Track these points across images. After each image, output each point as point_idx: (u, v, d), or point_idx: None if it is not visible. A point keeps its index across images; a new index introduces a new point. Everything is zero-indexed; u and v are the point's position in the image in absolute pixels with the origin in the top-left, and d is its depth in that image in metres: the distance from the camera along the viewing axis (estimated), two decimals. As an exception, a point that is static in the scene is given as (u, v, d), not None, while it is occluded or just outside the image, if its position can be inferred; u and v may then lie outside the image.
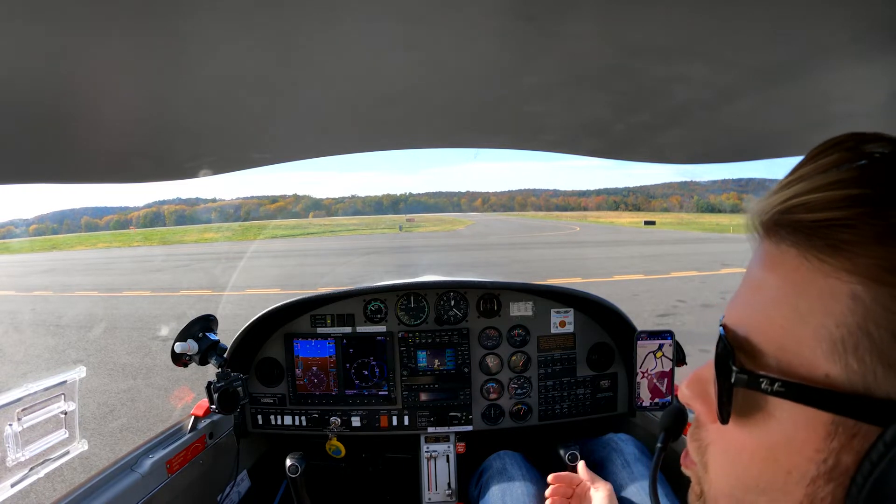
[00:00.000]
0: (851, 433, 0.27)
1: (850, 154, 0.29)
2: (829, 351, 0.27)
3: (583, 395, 1.70)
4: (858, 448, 0.26)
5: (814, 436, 0.28)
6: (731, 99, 0.62)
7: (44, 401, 1.00)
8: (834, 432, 0.27)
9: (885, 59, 0.48)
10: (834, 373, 0.27)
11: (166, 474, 1.27)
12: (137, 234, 74.31)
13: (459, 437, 1.68)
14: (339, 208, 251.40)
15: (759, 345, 0.31)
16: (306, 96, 0.58)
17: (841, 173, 0.28)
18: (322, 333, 1.67)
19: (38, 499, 2.67)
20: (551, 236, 31.95)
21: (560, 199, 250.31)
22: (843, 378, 0.26)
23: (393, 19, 0.39)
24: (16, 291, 13.27)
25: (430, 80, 0.55)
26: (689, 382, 0.38)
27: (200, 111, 0.59)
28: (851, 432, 0.27)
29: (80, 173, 0.70)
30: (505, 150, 1.06)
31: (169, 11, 0.35)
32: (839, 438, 0.27)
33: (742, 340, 0.32)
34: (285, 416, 1.67)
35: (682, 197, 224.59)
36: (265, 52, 0.44)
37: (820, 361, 0.27)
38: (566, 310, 1.71)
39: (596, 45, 0.46)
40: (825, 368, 0.27)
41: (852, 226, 0.26)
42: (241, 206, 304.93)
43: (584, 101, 0.65)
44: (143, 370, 5.19)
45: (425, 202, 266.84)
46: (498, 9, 0.39)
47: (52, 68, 0.40)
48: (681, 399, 0.39)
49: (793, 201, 0.29)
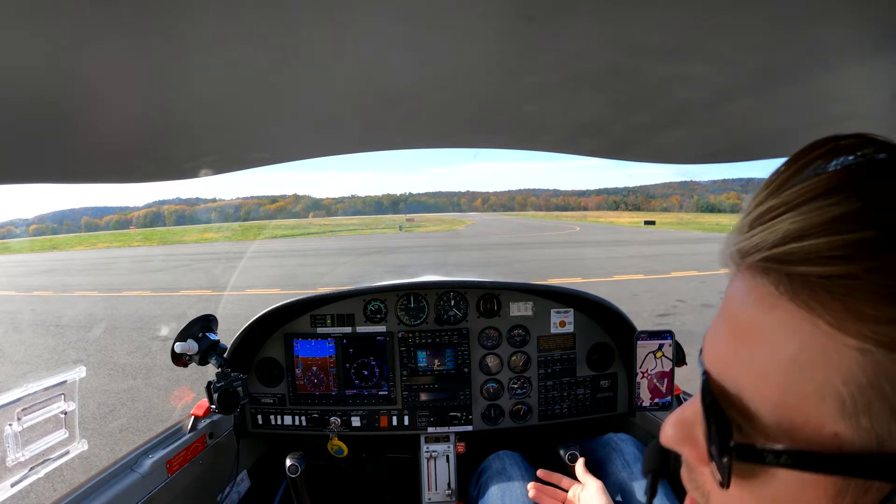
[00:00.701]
0: (863, 489, 0.25)
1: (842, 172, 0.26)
2: (837, 410, 0.24)
3: (583, 395, 1.70)
4: (872, 501, 0.25)
5: (822, 496, 0.26)
6: (731, 99, 0.62)
7: (44, 401, 1.00)
8: (845, 490, 0.25)
9: (885, 59, 0.48)
10: (843, 432, 0.24)
11: (166, 474, 1.27)
12: (137, 234, 74.31)
13: (459, 437, 1.68)
14: (339, 208, 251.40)
15: (754, 403, 0.27)
16: (306, 96, 0.58)
17: (837, 206, 0.25)
18: (322, 333, 1.67)
19: (38, 499, 2.67)
20: (551, 236, 31.95)
21: (560, 199, 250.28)
22: (854, 438, 0.24)
23: (393, 19, 0.39)
24: (16, 291, 13.27)
25: (430, 80, 0.55)
26: (674, 424, 0.34)
27: (200, 111, 0.59)
28: (863, 489, 0.25)
29: (80, 173, 0.70)
30: (505, 150, 1.06)
31: (169, 11, 0.35)
32: (850, 496, 0.25)
33: (734, 398, 0.28)
34: (285, 416, 1.67)
35: (682, 197, 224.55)
36: (265, 52, 0.44)
37: (826, 421, 0.25)
38: (566, 310, 1.71)
39: (596, 45, 0.46)
40: (832, 428, 0.24)
41: (857, 277, 0.23)
42: (241, 206, 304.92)
43: (584, 101, 0.65)
44: (143, 370, 5.19)
45: (425, 202, 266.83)
46: (498, 9, 0.39)
47: (53, 68, 0.40)
48: (664, 442, 0.35)
49: (787, 248, 0.25)
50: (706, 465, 0.31)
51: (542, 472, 1.19)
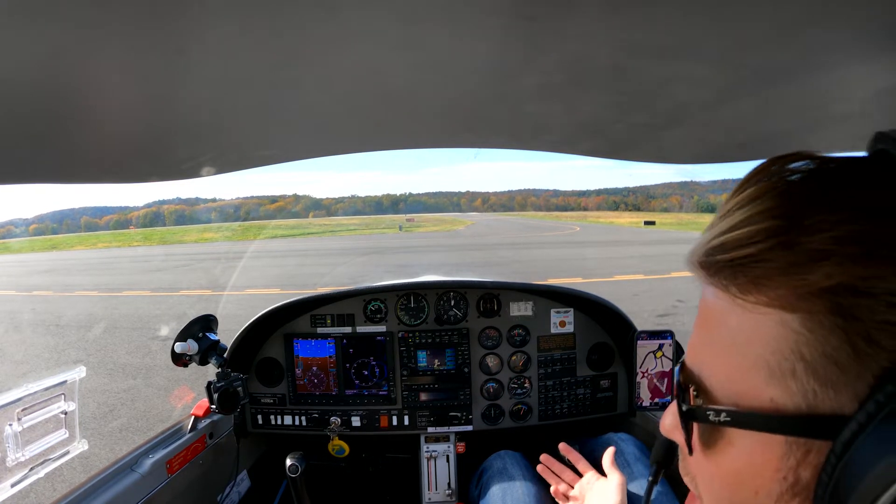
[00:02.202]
0: (805, 450, 0.28)
1: (769, 182, 0.30)
2: (768, 377, 0.29)
3: (583, 395, 1.70)
4: (815, 462, 0.28)
5: (771, 457, 0.29)
6: (731, 99, 0.62)
7: (44, 401, 1.00)
8: (789, 451, 0.28)
9: (884, 59, 0.48)
10: (778, 397, 0.28)
11: (166, 474, 1.27)
12: (137, 234, 74.28)
13: (459, 437, 1.68)
14: (339, 208, 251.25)
15: (710, 380, 0.33)
16: (306, 96, 0.58)
17: (756, 206, 0.29)
18: (322, 333, 1.67)
19: (38, 499, 2.67)
20: (551, 236, 31.95)
21: (560, 199, 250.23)
22: (787, 400, 0.28)
23: (393, 19, 0.39)
24: (16, 291, 13.27)
25: (430, 79, 0.55)
26: (668, 413, 0.40)
27: (200, 111, 0.59)
28: (805, 449, 0.28)
29: (80, 173, 0.70)
30: (505, 150, 1.06)
31: (169, 11, 0.35)
32: (794, 456, 0.28)
33: (696, 378, 0.34)
34: (285, 416, 1.67)
35: (682, 197, 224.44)
36: (265, 51, 0.44)
37: (762, 388, 0.29)
38: (566, 310, 1.71)
39: (596, 45, 0.46)
40: (769, 394, 0.29)
41: (764, 260, 0.28)
42: (241, 206, 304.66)
43: (584, 101, 0.65)
44: (143, 370, 5.19)
45: (425, 202, 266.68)
46: (498, 8, 0.39)
47: (53, 67, 0.40)
48: (662, 431, 0.42)
49: (713, 242, 0.31)
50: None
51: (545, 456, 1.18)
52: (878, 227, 0.26)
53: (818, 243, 0.26)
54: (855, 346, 0.26)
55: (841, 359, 0.26)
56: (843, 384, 0.26)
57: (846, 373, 0.26)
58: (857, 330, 0.25)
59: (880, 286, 0.25)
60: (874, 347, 0.25)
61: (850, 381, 0.26)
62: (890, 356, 0.25)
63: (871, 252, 0.25)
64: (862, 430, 0.25)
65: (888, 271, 0.25)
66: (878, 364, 0.25)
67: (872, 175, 0.28)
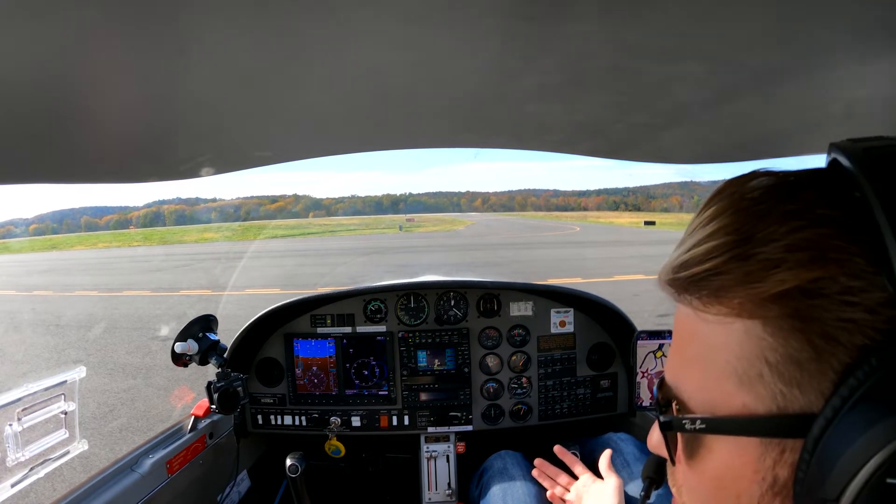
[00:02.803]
0: (780, 449, 0.29)
1: (727, 201, 0.32)
2: (738, 383, 0.30)
3: (583, 395, 1.70)
4: (790, 461, 0.29)
5: (748, 459, 0.30)
6: (731, 99, 0.62)
7: (44, 401, 1.00)
8: (765, 452, 0.30)
9: (885, 59, 0.48)
10: (749, 401, 0.30)
11: (166, 474, 1.27)
12: (137, 234, 74.25)
13: (459, 437, 1.68)
14: (339, 208, 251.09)
15: (686, 393, 0.34)
16: (306, 96, 0.58)
17: (715, 224, 0.31)
18: (322, 333, 1.67)
19: (38, 499, 2.67)
20: (551, 236, 31.95)
21: (560, 199, 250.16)
22: (758, 404, 0.29)
23: (393, 19, 0.39)
24: (16, 291, 13.27)
25: (430, 79, 0.55)
26: (653, 430, 0.42)
27: (200, 111, 0.59)
28: (780, 448, 0.29)
29: (79, 173, 0.70)
30: (505, 150, 1.06)
31: (169, 11, 0.35)
32: (770, 457, 0.29)
33: (674, 391, 0.36)
34: (285, 416, 1.67)
35: (682, 197, 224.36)
36: (265, 51, 0.44)
37: (734, 394, 0.30)
38: (566, 310, 1.71)
39: (596, 45, 0.46)
40: (741, 399, 0.30)
41: (722, 272, 0.29)
42: (241, 206, 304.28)
43: (584, 101, 0.65)
44: (143, 370, 5.19)
45: (425, 202, 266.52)
46: (498, 9, 0.39)
47: (53, 67, 0.40)
48: (649, 447, 0.43)
49: (677, 261, 0.32)
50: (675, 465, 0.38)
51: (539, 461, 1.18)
52: (825, 233, 0.27)
53: (770, 252, 0.28)
54: (815, 346, 0.27)
55: (803, 359, 0.27)
56: (807, 383, 0.27)
57: (809, 372, 0.27)
58: (815, 330, 0.27)
59: (831, 287, 0.26)
60: (833, 345, 0.26)
61: (814, 379, 0.27)
62: (849, 352, 0.26)
63: (820, 256, 0.27)
64: (829, 425, 0.26)
65: (837, 272, 0.26)
66: (839, 360, 0.26)
67: (824, 185, 0.30)
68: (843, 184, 0.29)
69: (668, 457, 0.39)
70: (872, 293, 0.26)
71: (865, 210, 0.27)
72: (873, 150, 0.29)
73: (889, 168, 0.28)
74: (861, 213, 0.27)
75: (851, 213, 0.28)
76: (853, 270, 0.26)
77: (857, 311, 0.26)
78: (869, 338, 0.26)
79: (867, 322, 0.26)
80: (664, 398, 0.36)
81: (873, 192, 0.27)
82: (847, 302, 0.26)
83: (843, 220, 0.27)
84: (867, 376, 0.25)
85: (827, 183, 0.30)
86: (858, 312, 0.26)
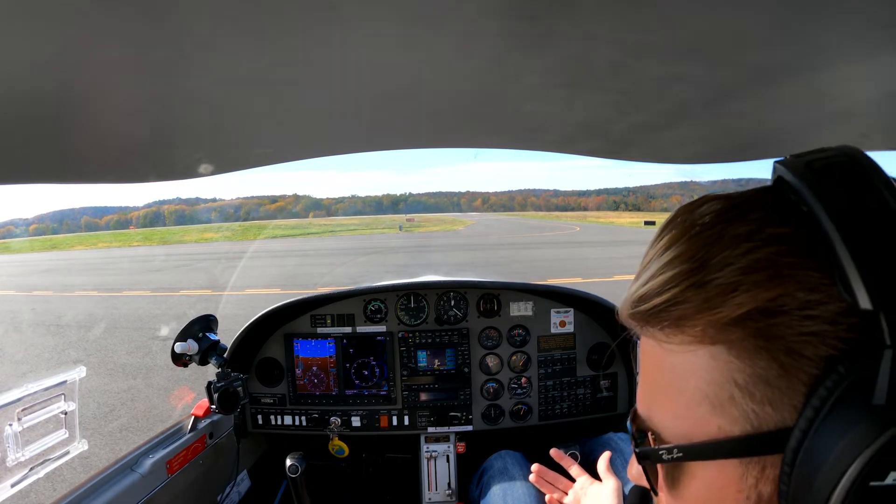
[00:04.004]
0: (760, 467, 0.29)
1: (679, 230, 0.32)
2: (711, 408, 0.30)
3: (583, 395, 1.70)
4: (771, 476, 0.29)
5: (730, 480, 0.30)
6: (732, 98, 0.62)
7: (44, 401, 1.00)
8: (745, 472, 0.30)
9: (884, 59, 0.48)
10: (724, 424, 0.30)
11: (166, 474, 1.27)
12: (137, 234, 74.26)
13: (459, 437, 1.68)
14: (339, 208, 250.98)
15: (660, 423, 0.34)
16: (306, 96, 0.58)
17: (669, 254, 0.31)
18: (322, 333, 1.67)
19: (38, 499, 2.67)
20: (551, 236, 31.94)
21: (560, 199, 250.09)
22: (733, 425, 0.29)
23: (393, 19, 0.39)
24: (16, 291, 13.27)
25: (430, 79, 0.55)
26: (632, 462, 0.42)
27: (200, 111, 0.59)
28: (760, 466, 0.29)
29: (79, 173, 0.70)
30: (505, 150, 1.06)
31: (169, 10, 0.35)
32: (752, 475, 0.29)
33: (647, 423, 0.36)
34: (285, 416, 1.67)
35: (682, 197, 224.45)
36: (265, 51, 0.44)
37: (708, 419, 0.30)
38: (566, 310, 1.71)
39: (596, 45, 0.46)
40: (716, 423, 0.30)
41: (681, 302, 0.30)
42: (241, 206, 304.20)
43: (584, 101, 0.65)
44: (143, 370, 5.19)
45: (425, 202, 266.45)
46: (498, 9, 0.39)
47: (52, 67, 0.40)
48: (630, 479, 0.43)
49: (636, 295, 0.33)
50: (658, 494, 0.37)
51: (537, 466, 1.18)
52: (777, 251, 0.28)
53: (726, 277, 0.28)
54: (781, 363, 0.27)
55: (771, 377, 0.27)
56: (778, 399, 0.28)
57: (779, 388, 0.27)
58: (779, 347, 0.27)
59: (790, 303, 0.27)
60: (799, 359, 0.27)
61: (784, 395, 0.27)
62: (815, 364, 0.26)
63: (775, 274, 0.27)
64: (805, 436, 0.26)
65: (794, 288, 0.27)
66: (807, 373, 0.27)
67: (771, 204, 0.30)
68: (789, 200, 0.29)
69: (649, 487, 0.39)
70: (830, 304, 0.26)
71: (814, 223, 0.27)
72: (815, 163, 0.29)
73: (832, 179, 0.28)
74: (810, 227, 0.27)
75: (800, 227, 0.28)
76: (809, 284, 0.27)
77: (818, 324, 0.26)
78: (833, 348, 0.26)
79: (829, 333, 0.26)
80: (638, 430, 0.36)
81: (819, 204, 0.27)
82: (807, 316, 0.26)
83: (793, 236, 0.28)
84: (836, 384, 0.25)
85: (773, 201, 0.30)
86: (820, 325, 0.26)
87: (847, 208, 0.26)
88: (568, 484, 1.14)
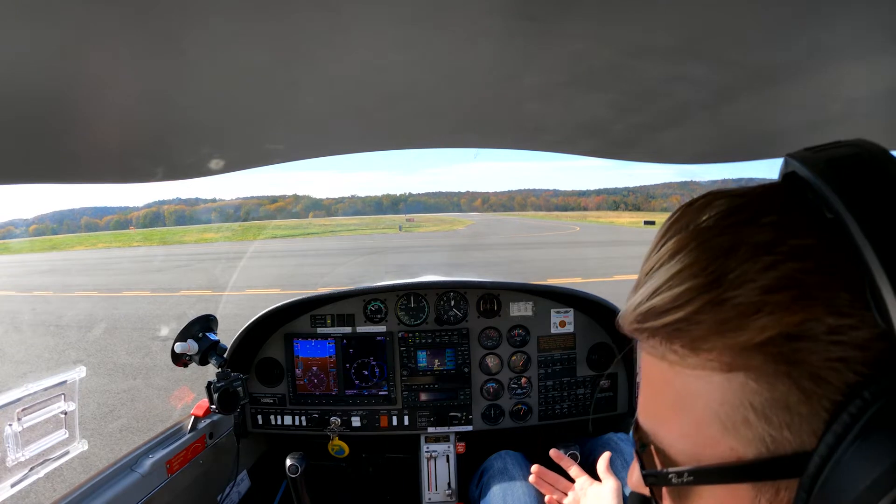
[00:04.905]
0: (774, 490, 0.27)
1: (686, 234, 0.29)
2: (721, 429, 0.28)
3: (583, 395, 1.70)
4: (785, 499, 0.27)
5: (742, 502, 0.28)
6: (731, 99, 0.62)
7: (44, 401, 1.00)
8: (758, 494, 0.28)
9: (885, 58, 0.48)
10: (735, 445, 0.28)
11: (166, 474, 1.27)
12: (137, 235, 74.23)
13: (459, 437, 1.68)
14: (339, 208, 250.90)
15: (666, 438, 0.32)
16: (307, 96, 0.58)
17: (678, 263, 0.28)
18: (322, 333, 1.67)
19: (38, 499, 2.67)
20: (551, 236, 31.93)
21: (560, 199, 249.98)
22: (746, 448, 0.27)
23: (394, 19, 0.39)
24: (16, 291, 13.26)
25: (430, 79, 0.55)
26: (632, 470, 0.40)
27: (201, 111, 0.59)
28: (774, 489, 0.27)
29: (80, 173, 0.70)
30: (505, 149, 1.06)
31: (170, 10, 0.35)
32: (764, 498, 0.28)
33: (652, 438, 0.33)
34: (285, 416, 1.67)
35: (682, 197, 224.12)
36: (265, 51, 0.44)
37: (720, 439, 0.28)
38: (566, 310, 1.71)
39: (596, 45, 0.46)
40: (728, 444, 0.28)
41: (697, 322, 0.27)
42: (241, 206, 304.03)
43: (584, 101, 0.65)
44: (143, 370, 5.19)
45: (425, 202, 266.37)
46: (498, 8, 0.39)
47: (53, 67, 0.40)
48: (630, 486, 0.42)
49: (643, 307, 0.30)
50: None
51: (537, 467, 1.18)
52: (802, 269, 0.25)
53: (746, 296, 0.26)
54: (803, 389, 0.25)
55: (791, 402, 0.26)
56: (797, 424, 0.26)
57: (799, 414, 0.26)
58: (803, 373, 0.25)
59: (817, 328, 0.25)
60: (822, 386, 0.25)
61: (804, 420, 0.26)
62: (839, 389, 0.25)
63: (801, 296, 0.25)
64: (826, 462, 0.24)
65: (821, 311, 0.25)
66: (830, 399, 0.25)
67: (786, 206, 0.28)
68: (805, 200, 0.27)
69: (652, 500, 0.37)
70: (862, 330, 0.24)
71: (840, 232, 0.25)
72: (837, 161, 0.26)
73: (862, 183, 0.25)
74: (836, 239, 0.25)
75: (825, 238, 0.25)
76: (839, 308, 0.24)
77: (846, 350, 0.24)
78: (859, 374, 0.24)
79: (857, 359, 0.24)
80: (641, 443, 0.34)
81: (850, 215, 0.24)
82: (835, 342, 0.24)
83: (818, 250, 0.25)
84: (861, 411, 0.24)
85: (787, 201, 0.28)
86: (847, 350, 0.24)
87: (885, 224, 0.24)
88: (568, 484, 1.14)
